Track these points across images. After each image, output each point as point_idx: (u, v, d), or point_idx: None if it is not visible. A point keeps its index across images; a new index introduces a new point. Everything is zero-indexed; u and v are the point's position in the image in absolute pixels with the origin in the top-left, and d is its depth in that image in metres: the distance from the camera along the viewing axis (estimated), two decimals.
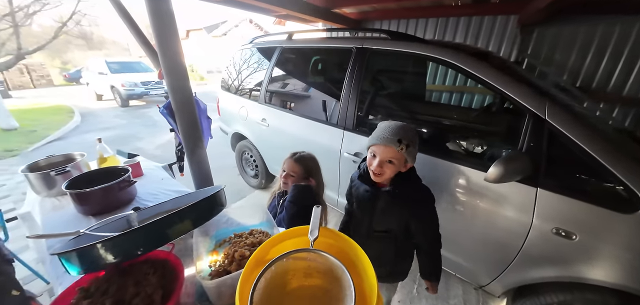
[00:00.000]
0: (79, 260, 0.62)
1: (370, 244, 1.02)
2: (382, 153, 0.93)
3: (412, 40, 1.67)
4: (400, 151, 0.90)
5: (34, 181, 1.25)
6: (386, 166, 0.94)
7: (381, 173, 0.95)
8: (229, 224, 1.04)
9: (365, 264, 0.63)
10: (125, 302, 0.57)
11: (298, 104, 2.29)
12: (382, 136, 0.94)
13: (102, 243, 0.61)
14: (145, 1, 0.82)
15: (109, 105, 8.79)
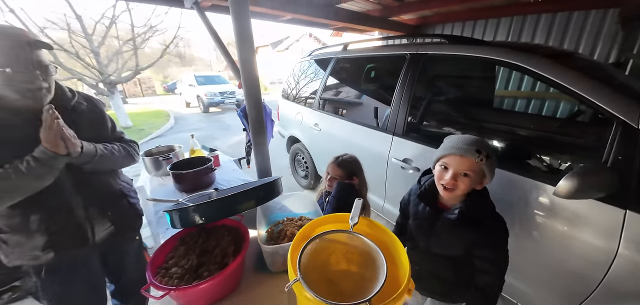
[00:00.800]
0: (179, 219, 0.86)
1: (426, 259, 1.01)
2: (457, 164, 0.83)
3: (475, 43, 1.59)
4: (480, 162, 0.80)
5: (148, 163, 1.68)
6: (461, 180, 0.83)
7: (454, 187, 0.85)
8: (282, 210, 1.20)
9: (401, 254, 0.68)
10: (209, 251, 0.77)
11: (349, 110, 2.40)
12: (457, 146, 0.84)
13: (194, 208, 0.84)
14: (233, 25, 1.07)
15: (194, 111, 10.62)
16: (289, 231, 0.95)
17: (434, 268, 1.01)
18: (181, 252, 0.77)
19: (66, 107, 0.96)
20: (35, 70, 0.83)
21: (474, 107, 1.71)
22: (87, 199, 0.99)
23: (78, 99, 1.01)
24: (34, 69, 0.82)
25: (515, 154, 1.40)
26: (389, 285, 0.57)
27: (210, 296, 0.73)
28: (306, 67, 3.07)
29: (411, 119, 1.79)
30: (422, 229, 0.98)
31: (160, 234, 1.14)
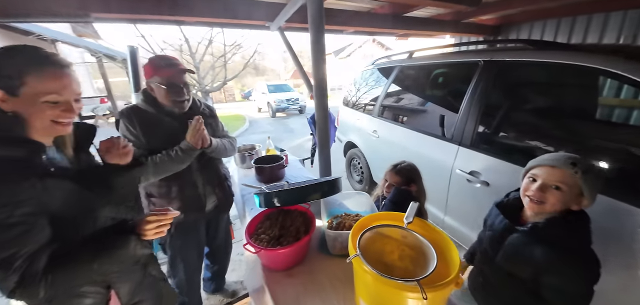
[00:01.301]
0: (264, 200, 1.10)
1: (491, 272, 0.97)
2: (547, 175, 0.78)
3: (568, 48, 1.41)
4: (575, 175, 0.74)
5: (237, 158, 2.09)
6: (550, 193, 0.77)
7: (541, 200, 0.78)
8: (341, 207, 1.34)
9: (452, 252, 0.73)
10: (286, 227, 0.98)
11: (410, 118, 2.39)
12: (549, 157, 0.80)
13: (278, 193, 1.06)
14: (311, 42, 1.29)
15: (264, 116, 11.96)
16: (347, 223, 1.08)
17: (495, 283, 0.98)
18: (267, 225, 1.01)
19: (196, 112, 1.35)
20: (183, 87, 1.22)
21: (569, 119, 1.46)
22: (205, 178, 1.37)
23: (203, 107, 1.42)
24: (184, 86, 1.21)
25: (627, 177, 1.14)
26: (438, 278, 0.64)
27: (286, 261, 0.93)
28: (368, 76, 3.18)
29: (483, 129, 1.69)
30: (493, 240, 0.92)
31: (246, 211, 1.44)
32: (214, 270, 1.84)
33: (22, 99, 0.60)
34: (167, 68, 1.20)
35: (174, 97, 1.22)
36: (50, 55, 0.64)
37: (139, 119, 1.20)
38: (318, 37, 1.27)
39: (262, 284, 0.91)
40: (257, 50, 8.09)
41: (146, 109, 1.23)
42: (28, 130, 0.62)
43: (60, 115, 0.65)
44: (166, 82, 1.19)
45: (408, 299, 0.61)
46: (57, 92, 0.63)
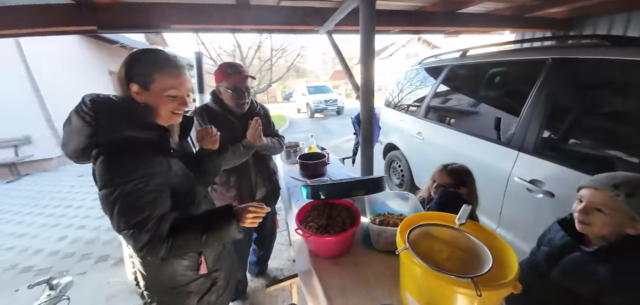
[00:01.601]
0: (311, 193, 1.17)
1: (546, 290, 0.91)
2: (590, 197, 0.79)
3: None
4: (616, 198, 0.73)
5: (283, 154, 2.23)
6: (594, 216, 0.78)
7: (585, 222, 0.80)
8: (384, 206, 1.34)
9: (510, 258, 0.69)
10: (333, 218, 1.04)
11: (461, 120, 2.25)
12: (593, 178, 0.80)
13: (326, 186, 1.13)
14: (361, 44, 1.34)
15: (303, 117, 12.35)
16: (391, 221, 1.09)
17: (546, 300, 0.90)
18: (314, 214, 1.08)
19: (253, 112, 1.52)
20: (245, 91, 1.39)
21: None
22: (257, 171, 1.53)
23: (259, 107, 1.59)
24: (246, 91, 1.39)
25: None
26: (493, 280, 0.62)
27: (332, 249, 0.99)
28: (412, 76, 3.08)
29: (549, 133, 1.52)
30: (552, 256, 0.90)
31: (292, 203, 1.54)
32: (259, 255, 2.01)
33: (151, 92, 0.76)
34: (234, 75, 1.38)
35: (238, 100, 1.40)
36: (172, 58, 0.79)
37: (209, 117, 1.41)
38: (369, 38, 1.31)
39: (310, 268, 0.98)
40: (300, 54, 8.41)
41: (214, 108, 1.44)
42: (156, 118, 0.79)
43: (177, 108, 0.80)
44: (232, 87, 1.38)
45: (459, 295, 0.61)
46: (177, 88, 0.78)
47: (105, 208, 0.70)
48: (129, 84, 0.75)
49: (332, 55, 37.14)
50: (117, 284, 2.18)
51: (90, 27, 1.68)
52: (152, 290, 0.86)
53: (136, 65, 0.75)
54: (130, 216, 0.69)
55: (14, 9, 1.60)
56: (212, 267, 0.93)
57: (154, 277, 0.84)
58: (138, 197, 0.69)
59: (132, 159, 0.71)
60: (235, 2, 1.75)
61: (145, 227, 0.69)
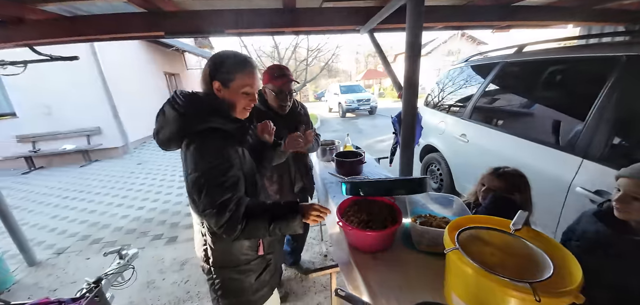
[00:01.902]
0: (351, 189, 1.20)
1: None
2: (628, 186, 0.81)
3: None
4: None
5: (319, 151, 2.29)
6: (632, 204, 0.80)
7: (623, 210, 0.82)
8: (425, 208, 1.31)
9: (573, 267, 0.64)
10: (373, 214, 1.06)
11: (512, 122, 2.08)
12: (632, 167, 0.83)
13: (364, 183, 1.15)
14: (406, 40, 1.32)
15: (334, 116, 12.38)
16: (434, 223, 1.07)
17: None
18: (355, 209, 1.11)
19: (294, 111, 1.62)
20: (288, 95, 1.49)
21: None
22: (296, 167, 1.64)
23: (299, 107, 1.68)
24: (288, 94, 1.49)
25: None
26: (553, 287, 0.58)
27: (373, 244, 1.01)
28: (456, 74, 2.91)
29: (621, 140, 1.35)
30: (593, 252, 0.88)
31: (329, 198, 1.58)
32: (293, 247, 2.10)
33: (230, 90, 0.86)
34: (278, 78, 1.47)
35: (281, 102, 1.49)
36: (249, 60, 0.89)
37: (256, 115, 1.50)
38: (416, 35, 1.29)
39: (350, 260, 1.01)
40: (335, 53, 8.45)
41: (260, 107, 1.53)
42: (233, 113, 0.89)
43: (248, 104, 0.91)
44: (277, 90, 1.47)
45: (514, 300, 0.59)
46: (251, 86, 0.88)
47: (194, 190, 0.80)
48: (213, 81, 0.86)
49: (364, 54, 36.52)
50: (169, 259, 2.46)
51: (158, 33, 1.93)
52: (217, 266, 0.98)
53: (220, 65, 0.85)
54: (216, 196, 0.79)
55: (97, 17, 1.90)
56: (267, 250, 1.03)
57: (222, 253, 0.95)
58: (223, 181, 0.80)
59: (218, 146, 0.82)
60: (282, 6, 1.85)
61: (227, 207, 0.79)
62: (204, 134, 0.81)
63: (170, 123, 0.82)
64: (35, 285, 2.24)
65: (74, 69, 5.06)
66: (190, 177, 0.80)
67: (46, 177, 5.39)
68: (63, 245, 2.84)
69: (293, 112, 1.62)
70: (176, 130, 0.82)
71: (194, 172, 0.79)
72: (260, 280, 1.03)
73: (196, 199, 0.81)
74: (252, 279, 1.00)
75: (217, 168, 0.79)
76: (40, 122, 6.00)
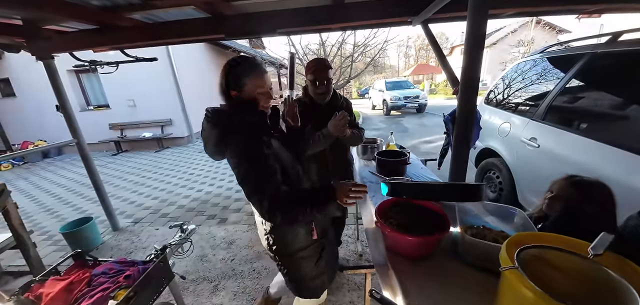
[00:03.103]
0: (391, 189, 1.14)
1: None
2: None
3: None
4: None
5: (359, 149, 2.24)
6: None
7: None
8: (477, 219, 1.16)
9: None
10: (416, 219, 0.99)
11: (600, 126, 1.70)
12: None
13: (404, 184, 1.08)
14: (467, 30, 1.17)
15: (377, 113, 11.97)
16: (488, 236, 0.95)
17: None
18: (395, 211, 1.05)
19: (336, 104, 1.61)
20: (324, 82, 1.51)
21: None
22: (334, 160, 1.65)
23: (342, 100, 1.68)
24: (324, 81, 1.51)
25: None
26: None
27: (412, 249, 0.95)
28: (527, 68, 2.51)
29: None
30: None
31: (368, 197, 1.54)
32: None
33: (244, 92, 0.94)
34: (313, 67, 1.54)
35: (317, 90, 1.54)
36: (257, 63, 0.97)
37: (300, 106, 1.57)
38: (479, 24, 1.14)
39: (386, 263, 0.97)
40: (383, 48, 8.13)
41: (304, 100, 1.63)
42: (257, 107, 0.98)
43: (266, 100, 0.98)
44: (312, 78, 1.53)
45: None
46: (262, 86, 0.95)
47: (240, 181, 0.91)
48: (230, 91, 0.96)
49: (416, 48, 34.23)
50: (219, 238, 2.73)
51: (219, 35, 2.14)
52: (280, 252, 1.09)
53: (230, 76, 0.95)
54: (255, 184, 0.88)
55: (171, 23, 2.20)
56: (319, 235, 1.11)
57: (281, 240, 1.06)
58: (259, 170, 0.88)
59: (248, 137, 0.91)
60: (332, 2, 1.86)
61: (266, 193, 0.87)
62: (236, 127, 0.91)
63: (211, 136, 0.94)
64: (117, 247, 2.75)
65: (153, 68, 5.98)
66: (235, 172, 0.91)
67: (129, 159, 6.53)
68: (139, 216, 3.41)
69: (334, 103, 1.64)
70: (216, 141, 0.93)
71: (235, 167, 0.90)
72: (319, 266, 1.13)
73: (243, 191, 0.91)
74: (312, 263, 1.11)
75: (252, 158, 0.88)
76: (127, 113, 7.30)
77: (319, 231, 1.10)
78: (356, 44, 8.03)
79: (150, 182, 4.72)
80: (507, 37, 17.72)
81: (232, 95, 0.96)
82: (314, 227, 1.08)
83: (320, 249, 1.13)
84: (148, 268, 1.32)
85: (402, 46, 34.77)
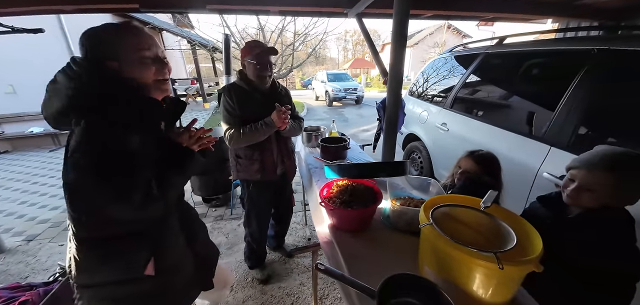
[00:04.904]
0: (336, 171, 1.22)
1: None
2: (584, 178, 0.83)
3: None
4: (610, 177, 0.77)
5: (304, 136, 2.29)
6: (584, 194, 0.83)
7: (574, 198, 0.85)
8: (404, 191, 1.35)
9: (534, 241, 0.70)
10: (355, 195, 1.09)
11: (489, 112, 2.17)
12: (588, 159, 0.84)
13: (347, 166, 1.17)
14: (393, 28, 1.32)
15: (320, 104, 12.32)
16: (412, 204, 1.11)
17: None
18: (337, 191, 1.13)
19: (275, 91, 1.59)
20: (268, 65, 1.45)
21: None
22: (279, 149, 1.63)
23: (280, 89, 1.64)
24: (268, 64, 1.45)
25: None
26: (516, 257, 0.64)
27: (354, 222, 1.04)
28: (440, 65, 2.97)
29: (587, 130, 1.45)
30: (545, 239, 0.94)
31: (313, 182, 1.60)
32: (276, 230, 2.12)
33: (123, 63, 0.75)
34: (257, 48, 1.45)
35: (260, 73, 1.45)
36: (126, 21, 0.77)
37: (236, 94, 1.48)
38: (402, 22, 1.29)
39: (331, 240, 1.04)
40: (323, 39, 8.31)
41: (241, 85, 1.51)
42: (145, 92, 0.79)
43: (163, 73, 0.81)
44: (257, 58, 1.43)
45: (480, 268, 0.63)
46: (153, 46, 0.78)
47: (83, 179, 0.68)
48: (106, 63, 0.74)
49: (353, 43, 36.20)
50: None
51: (132, 5, 1.79)
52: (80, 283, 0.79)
53: (96, 42, 0.74)
54: (116, 183, 0.69)
55: None
56: (162, 271, 0.81)
57: (84, 268, 0.77)
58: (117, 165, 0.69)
59: (114, 124, 0.71)
60: None
61: (136, 185, 0.71)
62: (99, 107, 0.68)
63: (60, 94, 0.69)
64: (5, 273, 2.13)
65: (41, 45, 4.65)
66: (73, 160, 0.67)
67: (12, 162, 5.01)
68: (33, 232, 2.69)
69: (274, 92, 1.60)
70: (69, 104, 0.69)
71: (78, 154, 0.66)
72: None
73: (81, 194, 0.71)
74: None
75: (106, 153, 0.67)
76: (4, 102, 5.52)
77: (162, 264, 0.80)
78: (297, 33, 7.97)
79: (45, 189, 3.74)
80: (426, 38, 20.52)
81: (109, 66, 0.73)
82: (151, 258, 0.78)
83: (158, 292, 0.82)
84: (52, 289, 1.07)
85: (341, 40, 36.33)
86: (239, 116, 1.47)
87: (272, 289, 1.89)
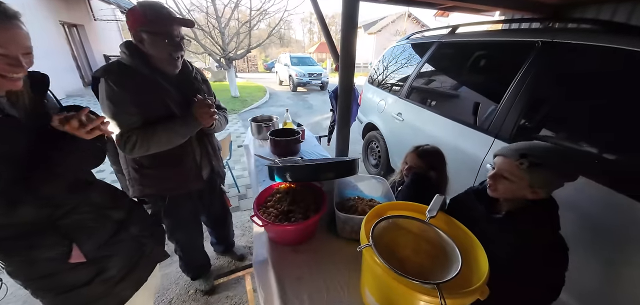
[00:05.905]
0: (276, 173, 1.05)
1: None
2: (500, 164, 0.84)
3: None
4: (519, 167, 0.78)
5: (254, 128, 2.06)
6: (499, 181, 0.83)
7: (493, 187, 0.86)
8: (355, 190, 1.26)
9: (480, 259, 0.64)
10: (296, 202, 0.94)
11: (442, 103, 2.19)
12: (506, 148, 0.86)
13: (290, 167, 1.01)
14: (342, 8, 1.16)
15: (285, 89, 11.86)
16: (360, 207, 1.01)
17: None
18: (276, 199, 0.97)
19: (188, 76, 1.19)
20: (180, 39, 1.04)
21: None
22: (201, 149, 1.29)
23: (195, 73, 1.24)
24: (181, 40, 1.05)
25: None
26: (460, 282, 0.56)
27: (292, 238, 0.90)
28: (398, 53, 2.94)
29: (525, 122, 1.50)
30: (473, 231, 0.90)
31: (259, 182, 1.42)
32: (217, 236, 1.88)
33: None
34: (165, 13, 1.00)
35: (172, 52, 1.02)
36: None
37: (128, 81, 0.99)
38: (352, 6, 1.13)
39: (267, 258, 0.89)
40: (284, 19, 7.81)
41: (135, 67, 1.02)
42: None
43: (6, 70, 0.62)
44: (165, 32, 0.99)
45: (422, 303, 0.54)
46: (2, 46, 0.59)
47: None
48: None
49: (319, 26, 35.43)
50: None
51: None
52: None
53: None
54: None
55: None
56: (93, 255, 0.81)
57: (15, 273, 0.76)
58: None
59: None
60: None
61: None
62: None
63: None
64: None
65: None
66: None
67: None
68: None
69: (186, 76, 1.17)
70: None
71: None
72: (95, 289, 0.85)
73: None
74: None
75: None
76: None
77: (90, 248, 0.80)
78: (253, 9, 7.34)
79: None
80: (388, 26, 20.96)
81: None
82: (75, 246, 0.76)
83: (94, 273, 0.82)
84: None
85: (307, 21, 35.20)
86: (136, 113, 1.01)
87: (219, 300, 1.69)
